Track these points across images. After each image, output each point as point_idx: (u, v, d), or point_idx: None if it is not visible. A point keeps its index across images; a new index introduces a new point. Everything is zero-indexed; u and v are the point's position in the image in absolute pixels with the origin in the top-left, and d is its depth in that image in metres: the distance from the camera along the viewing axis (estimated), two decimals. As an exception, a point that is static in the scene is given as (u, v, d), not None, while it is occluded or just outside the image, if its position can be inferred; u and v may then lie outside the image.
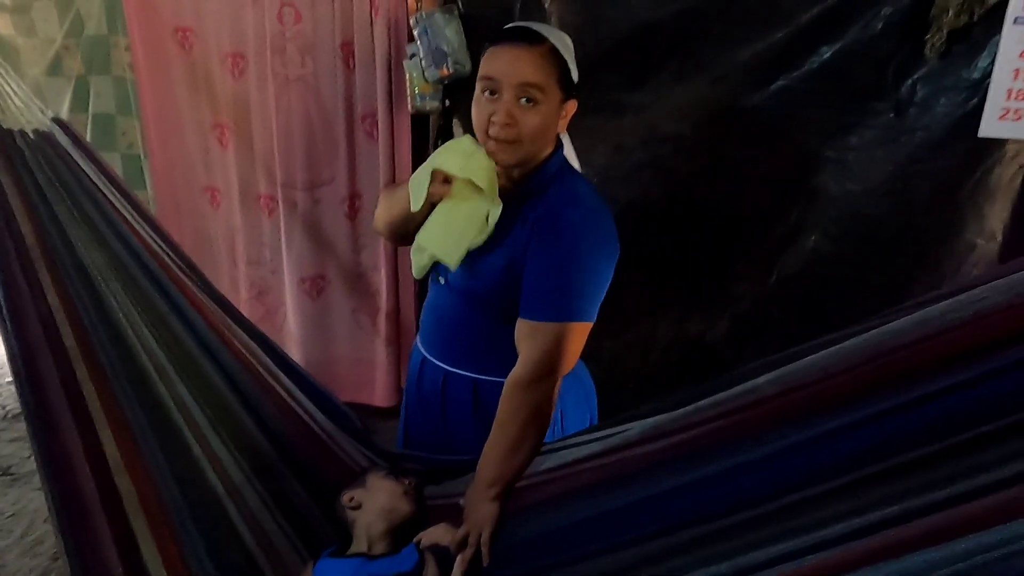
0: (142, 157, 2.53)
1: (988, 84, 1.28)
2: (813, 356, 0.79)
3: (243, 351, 1.35)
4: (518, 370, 1.09)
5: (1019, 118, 1.26)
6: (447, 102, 2.16)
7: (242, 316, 1.42)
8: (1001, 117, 1.28)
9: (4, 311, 1.09)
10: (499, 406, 1.10)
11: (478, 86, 1.11)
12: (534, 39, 1.08)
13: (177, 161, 2.48)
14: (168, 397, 1.22)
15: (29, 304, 1.11)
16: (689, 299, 1.83)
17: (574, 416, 1.29)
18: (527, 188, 1.14)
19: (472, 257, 1.18)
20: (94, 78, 2.47)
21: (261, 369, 1.36)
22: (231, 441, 1.26)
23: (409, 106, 2.17)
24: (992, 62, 1.28)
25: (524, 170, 1.15)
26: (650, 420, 0.97)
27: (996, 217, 1.35)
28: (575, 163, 1.23)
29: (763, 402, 0.82)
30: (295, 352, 2.55)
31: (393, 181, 2.30)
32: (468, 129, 2.16)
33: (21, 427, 2.48)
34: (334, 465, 1.37)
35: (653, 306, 1.88)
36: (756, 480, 0.83)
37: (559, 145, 1.18)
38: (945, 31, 1.29)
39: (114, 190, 1.36)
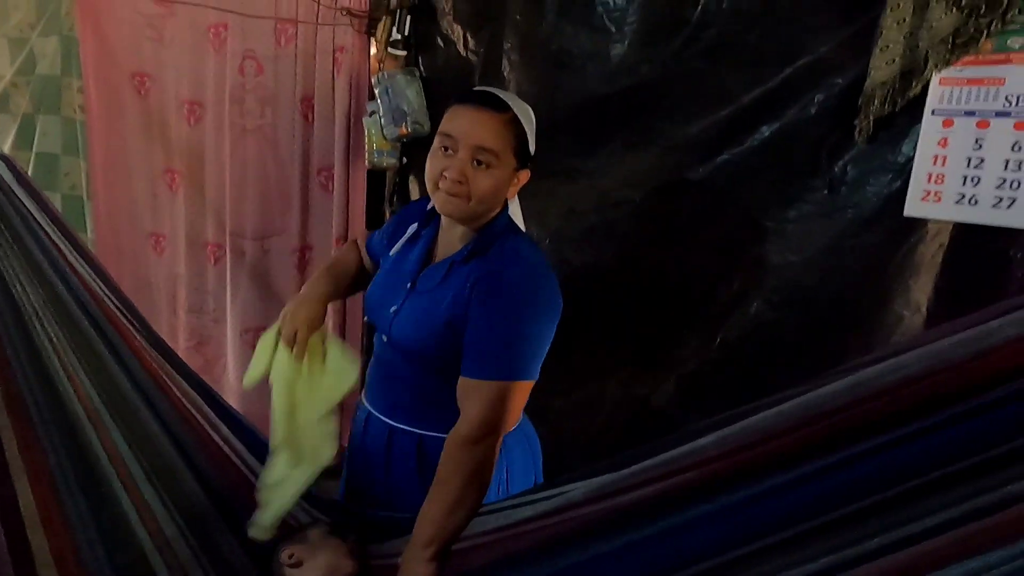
0: (85, 199, 2.46)
1: (911, 168, 1.38)
2: (753, 418, 0.81)
3: (182, 399, 1.31)
4: (460, 428, 1.08)
5: (939, 200, 1.36)
6: (404, 159, 2.20)
7: (182, 362, 1.38)
8: (923, 199, 1.38)
9: None
10: (439, 464, 1.08)
11: (436, 140, 1.14)
12: (498, 106, 1.13)
13: (122, 205, 2.43)
14: (99, 445, 1.16)
15: None
16: (637, 361, 1.86)
17: (520, 472, 1.28)
18: (470, 249, 1.16)
19: (415, 315, 1.19)
20: (42, 117, 2.42)
21: (200, 418, 1.31)
22: (166, 492, 1.21)
23: (366, 161, 2.20)
24: (914, 148, 1.38)
25: (468, 229, 1.18)
26: (595, 480, 0.97)
27: (920, 291, 1.43)
28: (519, 221, 1.26)
29: (706, 462, 0.84)
30: (234, 404, 2.45)
31: (346, 234, 2.30)
32: (423, 186, 2.22)
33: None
34: None
35: (601, 367, 1.90)
36: (700, 538, 0.84)
37: (505, 206, 1.21)
38: (872, 118, 1.39)
39: (56, 229, 1.33)
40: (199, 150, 2.34)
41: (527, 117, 1.16)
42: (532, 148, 1.18)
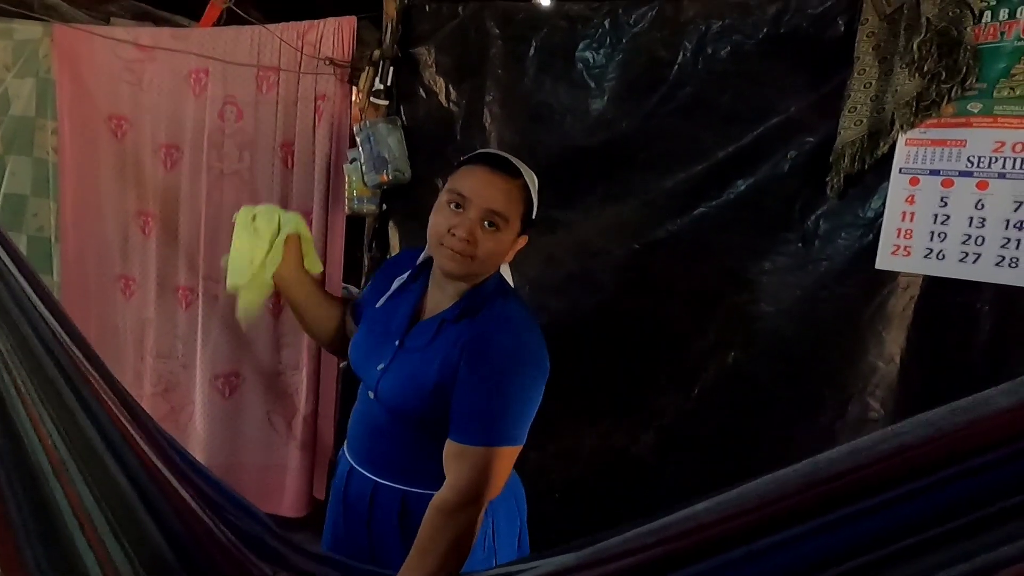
0: (52, 240, 2.41)
1: (881, 222, 1.43)
2: (749, 484, 0.81)
3: (146, 450, 1.26)
4: (444, 494, 1.07)
5: (908, 254, 1.41)
6: (384, 206, 2.20)
7: (144, 413, 1.33)
8: (893, 252, 1.42)
9: None
10: (420, 530, 1.06)
11: (444, 195, 1.14)
12: (512, 171, 1.14)
13: (91, 247, 2.38)
14: (64, 498, 1.10)
15: None
16: (615, 410, 1.85)
17: (506, 530, 1.25)
18: (461, 308, 1.16)
19: (403, 375, 1.17)
20: (13, 157, 2.39)
21: (165, 470, 1.26)
22: (131, 547, 1.15)
23: (346, 207, 2.19)
24: (883, 204, 1.44)
25: (460, 287, 1.18)
26: (588, 549, 0.95)
27: (894, 342, 1.47)
28: (509, 279, 1.27)
29: (702, 528, 0.83)
30: (199, 454, 2.37)
31: (323, 281, 2.27)
32: (403, 234, 2.22)
33: None
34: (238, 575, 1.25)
35: (579, 417, 1.88)
36: None
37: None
38: (842, 175, 1.45)
39: (23, 276, 1.29)
40: (175, 193, 2.31)
41: (534, 185, 1.19)
42: (535, 214, 1.20)
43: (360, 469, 1.26)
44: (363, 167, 2.09)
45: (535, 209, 1.19)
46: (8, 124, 2.36)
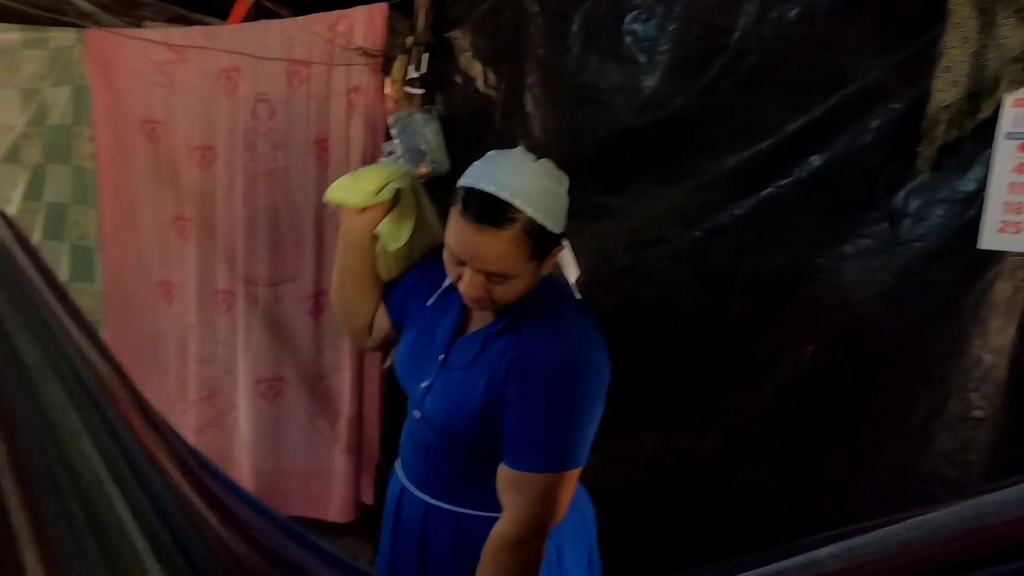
0: (93, 249, 2.39)
1: (983, 196, 1.26)
2: (888, 528, 0.66)
3: (173, 474, 1.19)
4: (505, 528, 0.97)
5: (1017, 231, 1.24)
6: (423, 200, 2.10)
7: (171, 431, 1.27)
8: (1000, 230, 1.25)
9: None
10: (481, 567, 0.97)
11: (445, 246, 1.01)
12: (501, 221, 0.93)
13: (131, 253, 2.35)
14: (107, 514, 1.06)
15: None
16: (677, 411, 1.72)
17: (572, 554, 1.14)
18: (505, 321, 1.04)
19: (448, 395, 1.07)
20: (52, 167, 2.37)
21: (194, 495, 1.19)
22: (169, 569, 1.10)
23: (384, 203, 2.10)
24: (986, 175, 1.26)
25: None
26: None
27: (1001, 331, 1.30)
28: (571, 270, 1.14)
29: None
30: (245, 460, 2.33)
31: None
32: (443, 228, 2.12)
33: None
34: None
35: (638, 417, 1.75)
36: None
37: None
38: (936, 144, 1.28)
39: (49, 288, 1.25)
40: (210, 196, 2.26)
41: (544, 202, 0.97)
42: (559, 229, 1.01)
43: (411, 490, 1.17)
44: (400, 160, 2.00)
45: (556, 225, 1.00)
46: (46, 134, 2.35)
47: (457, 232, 0.97)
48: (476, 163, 1.02)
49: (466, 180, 1.00)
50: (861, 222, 1.42)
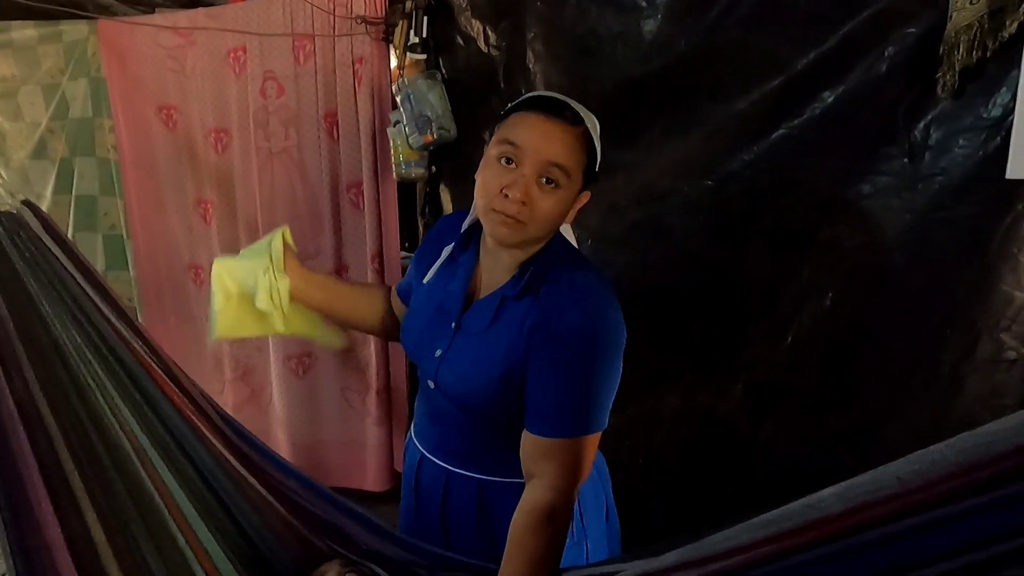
0: (124, 237, 2.46)
1: (1011, 122, 1.16)
2: (887, 466, 0.64)
3: (214, 441, 1.24)
4: (538, 496, 0.96)
5: (1049, 157, 1.14)
6: (432, 168, 2.09)
7: (210, 404, 1.31)
8: (1029, 157, 1.16)
9: None
10: (524, 539, 0.95)
11: (494, 148, 0.98)
12: (572, 118, 0.97)
13: (159, 240, 2.42)
14: (150, 483, 1.11)
15: (1, 380, 1.01)
16: (696, 368, 1.68)
17: (593, 509, 1.15)
18: (522, 283, 1.01)
19: (464, 363, 1.05)
20: (78, 159, 2.44)
21: (235, 462, 1.23)
22: (217, 532, 1.15)
23: (394, 174, 2.10)
24: (1013, 98, 1.16)
25: (517, 255, 1.03)
26: (690, 546, 0.81)
27: (1034, 266, 1.21)
28: (571, 240, 1.11)
29: (829, 521, 0.67)
30: (281, 434, 2.40)
31: (381, 252, 2.20)
32: (455, 196, 2.10)
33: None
34: (316, 561, 1.22)
35: (657, 377, 1.72)
36: None
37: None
38: (957, 69, 1.19)
39: (81, 275, 1.30)
40: (228, 178, 2.30)
41: (596, 131, 1.01)
42: (597, 167, 1.02)
43: (431, 457, 1.17)
44: (406, 129, 1.98)
45: (599, 159, 1.01)
46: (69, 127, 2.41)
47: (520, 126, 0.97)
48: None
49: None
50: (879, 159, 1.33)
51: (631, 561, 0.91)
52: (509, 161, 0.95)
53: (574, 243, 1.14)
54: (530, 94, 1.03)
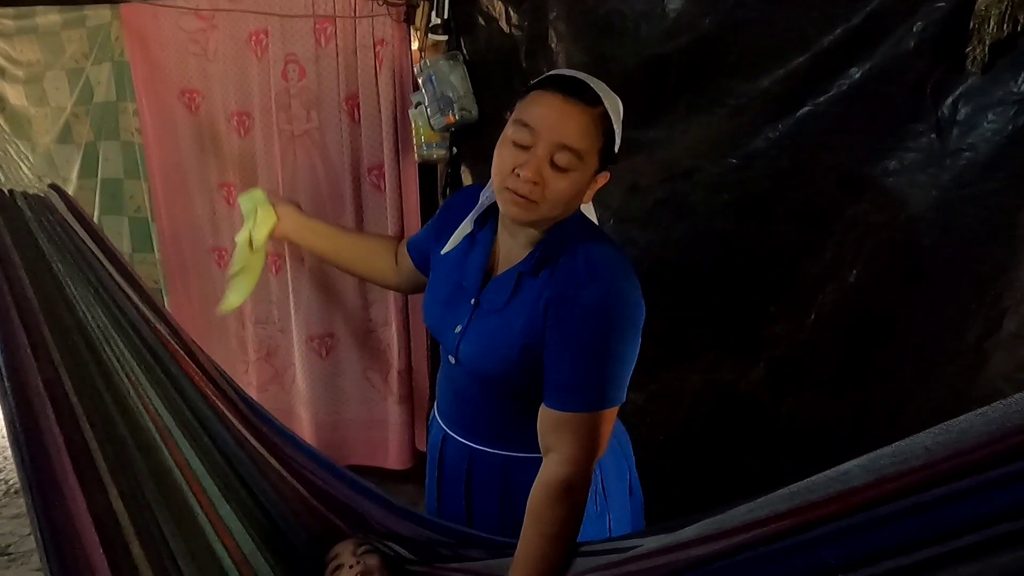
0: (149, 220, 2.49)
1: (1041, 97, 1.16)
2: (914, 436, 0.64)
3: (234, 422, 1.27)
4: (554, 471, 0.98)
5: (1080, 132, 1.14)
6: (454, 150, 2.10)
7: (230, 384, 1.34)
8: (1060, 131, 1.16)
9: (2, 368, 1.01)
10: (540, 513, 0.98)
11: (509, 128, 0.99)
12: (589, 98, 0.97)
13: (184, 223, 2.45)
14: (172, 461, 1.15)
15: (30, 361, 1.04)
16: (719, 345, 1.69)
17: (615, 481, 1.17)
18: (537, 258, 1.02)
19: (483, 339, 1.07)
20: (103, 143, 2.47)
21: (255, 443, 1.26)
22: (239, 510, 1.19)
23: (416, 156, 2.11)
24: (1044, 73, 1.16)
25: (534, 232, 1.04)
26: (708, 520, 0.82)
27: (1062, 242, 1.21)
28: (592, 216, 1.12)
29: (853, 493, 0.68)
30: (305, 414, 2.44)
31: (402, 233, 2.22)
32: (476, 177, 2.11)
33: (21, 503, 2.38)
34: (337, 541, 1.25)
35: (679, 354, 1.74)
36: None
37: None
38: (987, 43, 1.18)
39: (106, 257, 1.32)
40: (251, 161, 2.32)
41: (616, 112, 1.01)
42: (618, 146, 1.03)
43: (454, 435, 1.19)
44: (428, 110, 1.99)
45: (618, 141, 1.01)
46: (94, 111, 2.44)
47: (538, 106, 0.97)
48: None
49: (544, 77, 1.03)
50: (907, 135, 1.33)
51: (652, 535, 0.93)
52: (523, 141, 0.96)
53: (595, 221, 1.15)
54: (552, 72, 1.03)
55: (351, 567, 1.13)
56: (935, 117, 1.29)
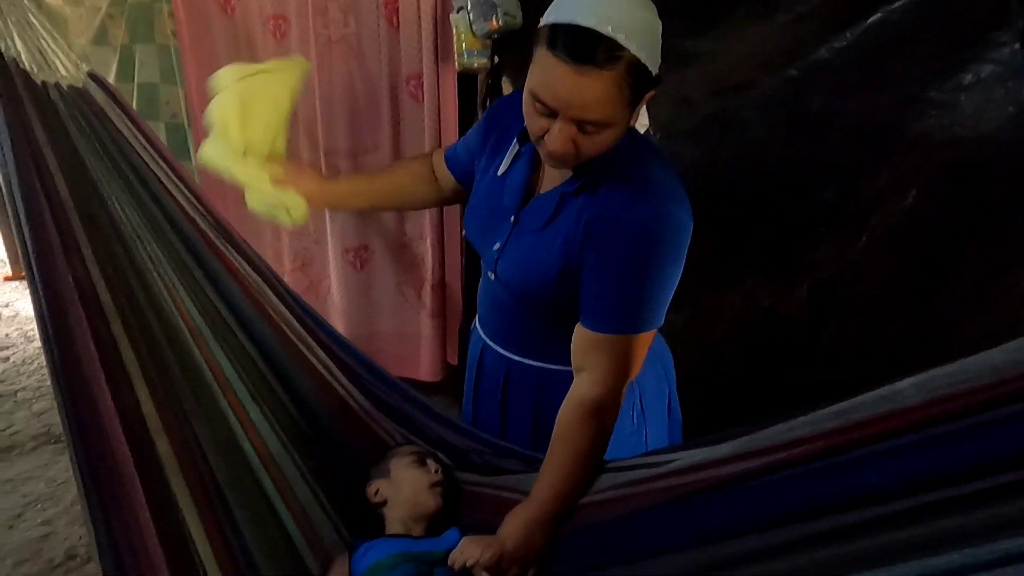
0: (186, 127, 2.48)
1: None
2: (981, 355, 0.61)
3: (280, 323, 1.27)
4: (587, 391, 0.97)
5: None
6: (496, 59, 2.02)
7: (282, 285, 1.34)
8: None
9: (33, 265, 1.03)
10: (569, 431, 0.98)
11: (526, 93, 0.89)
12: (607, 58, 0.82)
13: (219, 130, 2.43)
14: (202, 360, 1.16)
15: (60, 258, 1.05)
16: (761, 267, 1.65)
17: (654, 399, 1.17)
18: (582, 179, 0.98)
19: (522, 258, 1.05)
20: (139, 47, 2.43)
21: (298, 342, 1.28)
22: (269, 411, 1.20)
23: (456, 64, 2.04)
24: None
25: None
26: (743, 438, 0.81)
27: None
28: (642, 120, 1.06)
29: (904, 412, 0.64)
30: (339, 325, 2.49)
31: (439, 144, 2.18)
32: (517, 87, 2.04)
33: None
34: (372, 444, 1.29)
35: (720, 275, 1.71)
36: (884, 475, 0.66)
37: None
38: (1089, -61, 1.07)
39: (151, 150, 1.31)
40: (287, 67, 2.27)
41: (650, 43, 0.85)
42: (657, 67, 0.88)
43: (493, 345, 1.20)
44: (471, 15, 1.90)
45: (655, 66, 0.87)
46: (129, 12, 2.39)
47: (548, 77, 0.84)
48: None
49: (556, 16, 0.85)
50: (986, 45, 1.24)
51: (686, 450, 0.91)
52: (543, 111, 0.87)
53: (646, 123, 1.09)
54: (555, 20, 0.84)
55: (436, 471, 1.16)
56: (1021, 25, 1.19)
